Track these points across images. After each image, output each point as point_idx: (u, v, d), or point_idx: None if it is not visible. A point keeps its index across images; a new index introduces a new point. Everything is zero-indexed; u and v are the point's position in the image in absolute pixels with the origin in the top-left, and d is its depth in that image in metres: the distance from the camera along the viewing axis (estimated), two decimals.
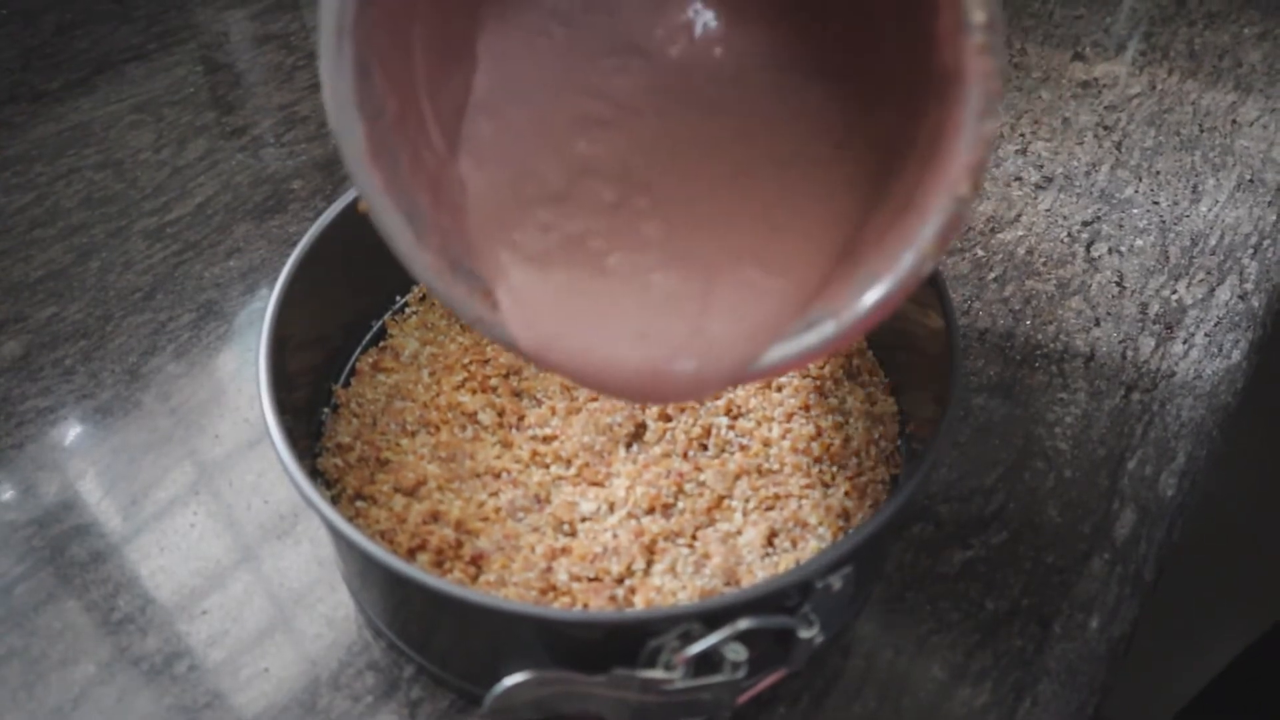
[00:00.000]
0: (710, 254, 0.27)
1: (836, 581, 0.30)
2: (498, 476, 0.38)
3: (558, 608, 0.33)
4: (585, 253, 0.28)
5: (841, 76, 0.28)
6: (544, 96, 0.30)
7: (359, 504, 0.37)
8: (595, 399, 0.40)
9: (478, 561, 0.35)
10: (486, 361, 0.42)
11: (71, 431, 0.43)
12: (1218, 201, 0.56)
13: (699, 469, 0.38)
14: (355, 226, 0.40)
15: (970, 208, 0.22)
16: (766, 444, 0.39)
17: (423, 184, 0.28)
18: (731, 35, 0.29)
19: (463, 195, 0.29)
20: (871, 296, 0.24)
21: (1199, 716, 0.69)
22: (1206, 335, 0.49)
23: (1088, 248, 0.53)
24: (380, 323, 0.44)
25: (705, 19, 0.29)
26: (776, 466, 0.38)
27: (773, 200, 0.27)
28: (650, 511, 0.37)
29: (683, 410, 0.40)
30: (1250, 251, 0.53)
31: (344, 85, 0.25)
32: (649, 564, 0.35)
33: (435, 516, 0.36)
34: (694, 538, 0.36)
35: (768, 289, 0.26)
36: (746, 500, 0.37)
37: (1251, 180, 0.58)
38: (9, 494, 0.41)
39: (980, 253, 0.52)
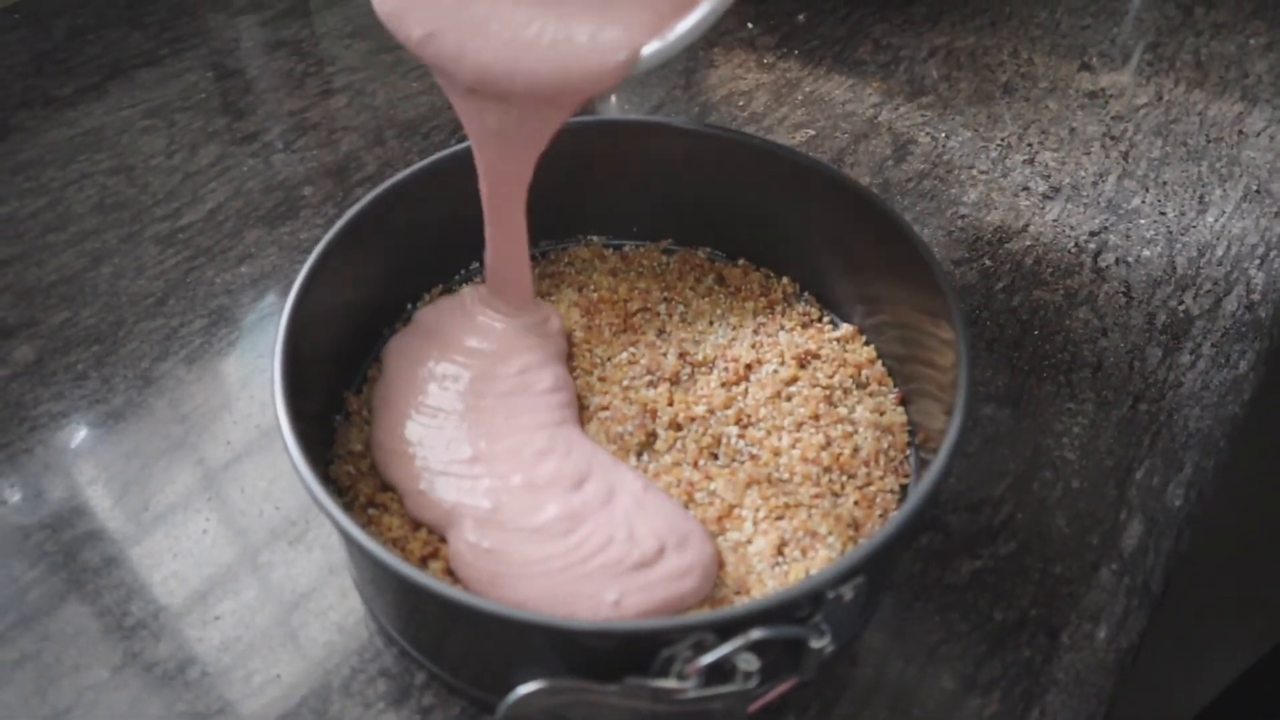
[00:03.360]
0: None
1: (848, 592, 0.30)
2: None
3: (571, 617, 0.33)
4: None
5: None
6: None
7: (371, 511, 0.37)
8: (606, 407, 0.41)
9: None
10: None
11: (84, 436, 0.43)
12: (1224, 212, 0.56)
13: (709, 478, 0.38)
14: (367, 234, 0.41)
15: None
16: (776, 453, 0.39)
17: None
18: None
19: None
20: (686, 23, 0.34)
21: None
22: (1214, 346, 0.49)
23: (1095, 258, 0.53)
24: (392, 330, 0.44)
25: None
26: (786, 476, 0.39)
27: None
28: None
29: (693, 420, 0.40)
30: (1257, 262, 0.54)
31: None
32: None
33: None
34: None
35: (620, 20, 0.34)
36: (756, 509, 0.37)
37: (1258, 191, 0.58)
38: (22, 498, 0.41)
39: (988, 263, 0.53)
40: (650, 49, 0.34)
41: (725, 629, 0.28)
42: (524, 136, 0.37)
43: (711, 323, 0.45)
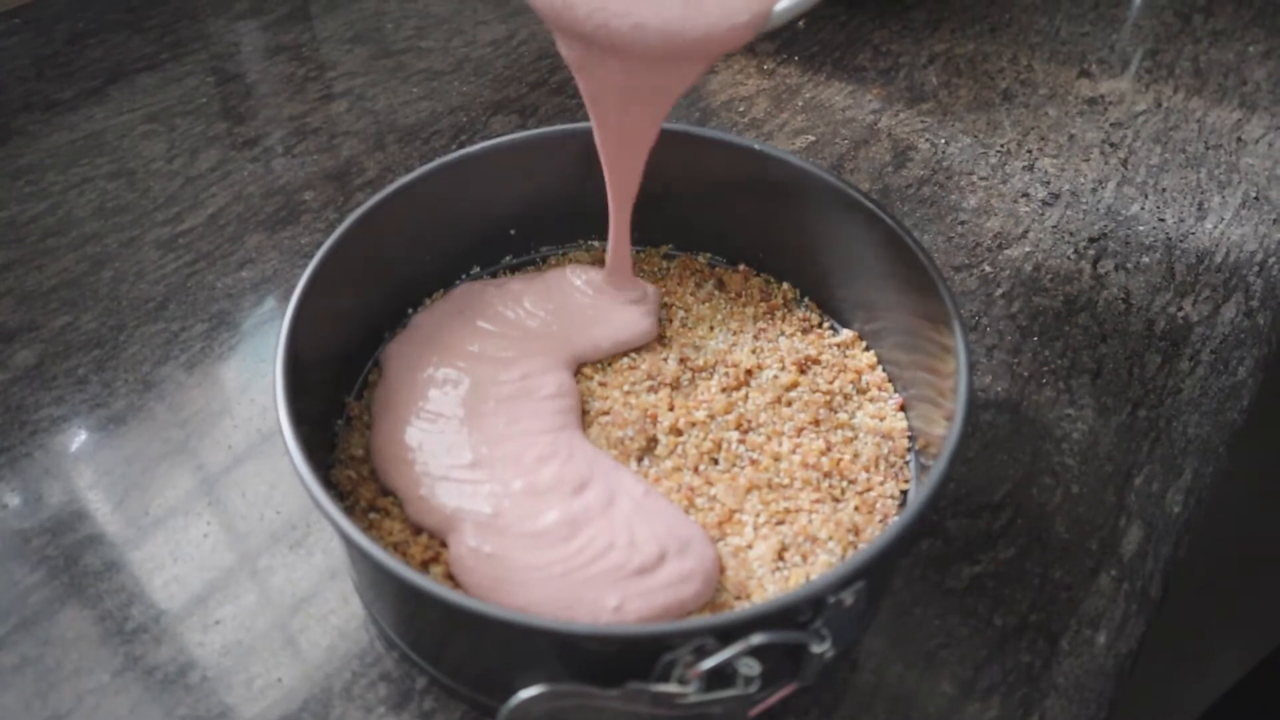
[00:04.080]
0: None
1: (848, 597, 0.30)
2: None
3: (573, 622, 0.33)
4: None
5: None
6: None
7: (372, 516, 0.37)
8: (607, 412, 0.41)
9: None
10: None
11: (84, 440, 0.43)
12: (1223, 219, 0.57)
13: (710, 483, 0.39)
14: (368, 239, 0.41)
15: None
16: (777, 458, 0.39)
17: None
18: None
19: None
20: None
21: None
22: (1213, 352, 0.49)
23: (1094, 264, 0.53)
24: (392, 334, 0.44)
25: None
26: (787, 481, 0.39)
27: None
28: None
29: (694, 425, 0.40)
30: (1255, 269, 0.54)
31: None
32: None
33: None
34: None
35: None
36: (757, 514, 0.38)
37: (1257, 198, 0.58)
38: (22, 502, 0.41)
39: (988, 269, 0.53)
40: (782, 5, 0.35)
41: (726, 634, 0.28)
42: (646, 98, 0.38)
43: (712, 328, 0.45)
